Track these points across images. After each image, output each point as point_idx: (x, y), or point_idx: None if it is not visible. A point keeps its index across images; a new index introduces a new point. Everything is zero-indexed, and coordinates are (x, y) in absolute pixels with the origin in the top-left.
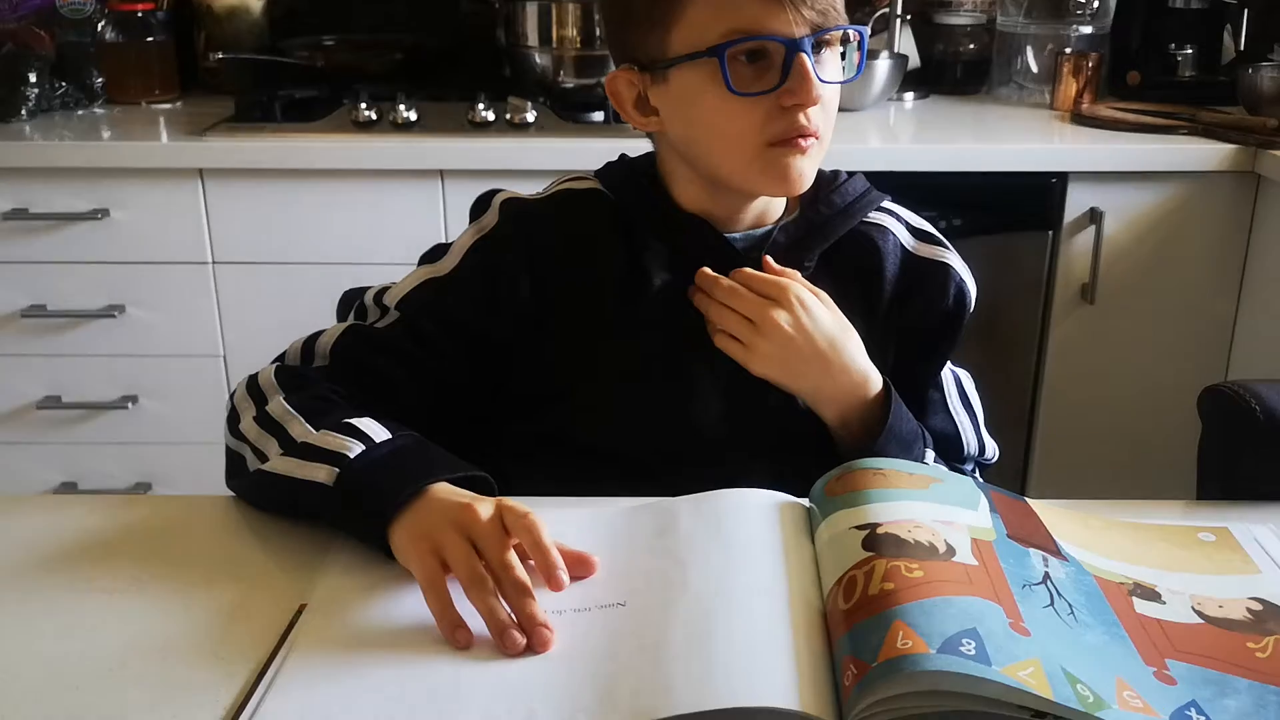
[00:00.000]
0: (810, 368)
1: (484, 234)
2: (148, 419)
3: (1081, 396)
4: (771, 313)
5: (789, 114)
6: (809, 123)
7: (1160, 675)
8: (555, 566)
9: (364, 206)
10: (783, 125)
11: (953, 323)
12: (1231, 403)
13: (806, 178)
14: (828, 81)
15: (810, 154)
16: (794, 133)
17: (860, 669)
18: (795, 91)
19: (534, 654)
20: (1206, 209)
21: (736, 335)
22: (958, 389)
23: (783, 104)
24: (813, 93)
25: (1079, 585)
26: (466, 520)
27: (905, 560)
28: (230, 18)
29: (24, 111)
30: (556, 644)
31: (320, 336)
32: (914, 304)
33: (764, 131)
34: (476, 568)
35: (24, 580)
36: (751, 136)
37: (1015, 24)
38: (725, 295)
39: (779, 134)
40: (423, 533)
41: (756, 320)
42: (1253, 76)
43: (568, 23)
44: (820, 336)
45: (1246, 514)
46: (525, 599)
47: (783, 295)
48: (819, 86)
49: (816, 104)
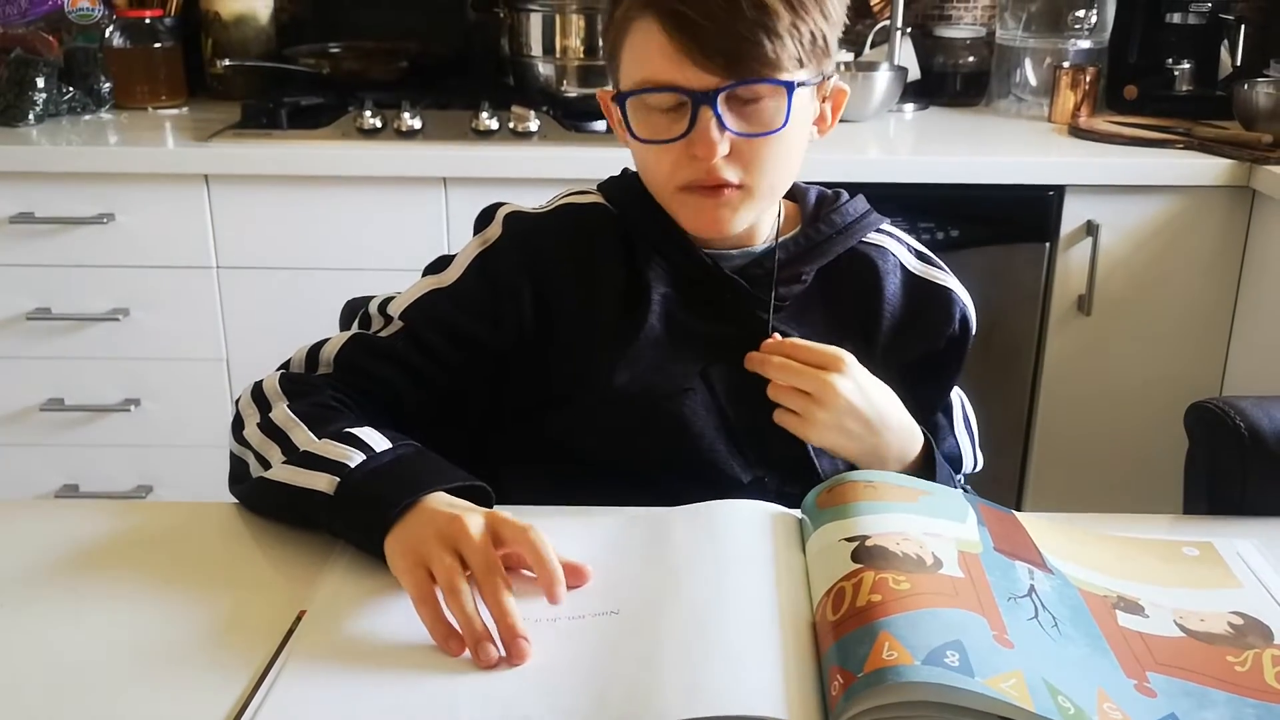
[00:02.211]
0: (867, 432)
1: (487, 246)
2: (150, 422)
3: (1078, 407)
4: (830, 381)
5: (696, 163)
6: (719, 173)
7: (1141, 688)
8: (556, 581)
9: (368, 213)
10: (689, 173)
11: (958, 348)
12: (1217, 419)
13: (731, 224)
14: (739, 134)
15: (732, 202)
16: (700, 181)
17: (847, 679)
18: (694, 143)
19: (511, 666)
20: (1202, 223)
21: (792, 408)
22: (961, 412)
23: (689, 154)
24: (712, 146)
25: (1064, 598)
26: (453, 532)
27: (893, 572)
28: (237, 25)
29: (31, 116)
30: (550, 652)
31: (325, 344)
32: (920, 329)
33: (674, 177)
34: (455, 579)
35: (25, 585)
36: (664, 180)
37: (1014, 37)
38: (777, 371)
39: (686, 181)
40: (411, 545)
41: (814, 392)
42: (1248, 92)
43: (571, 33)
44: (874, 401)
45: (1231, 529)
46: (504, 610)
47: (837, 364)
48: (724, 139)
49: (715, 156)
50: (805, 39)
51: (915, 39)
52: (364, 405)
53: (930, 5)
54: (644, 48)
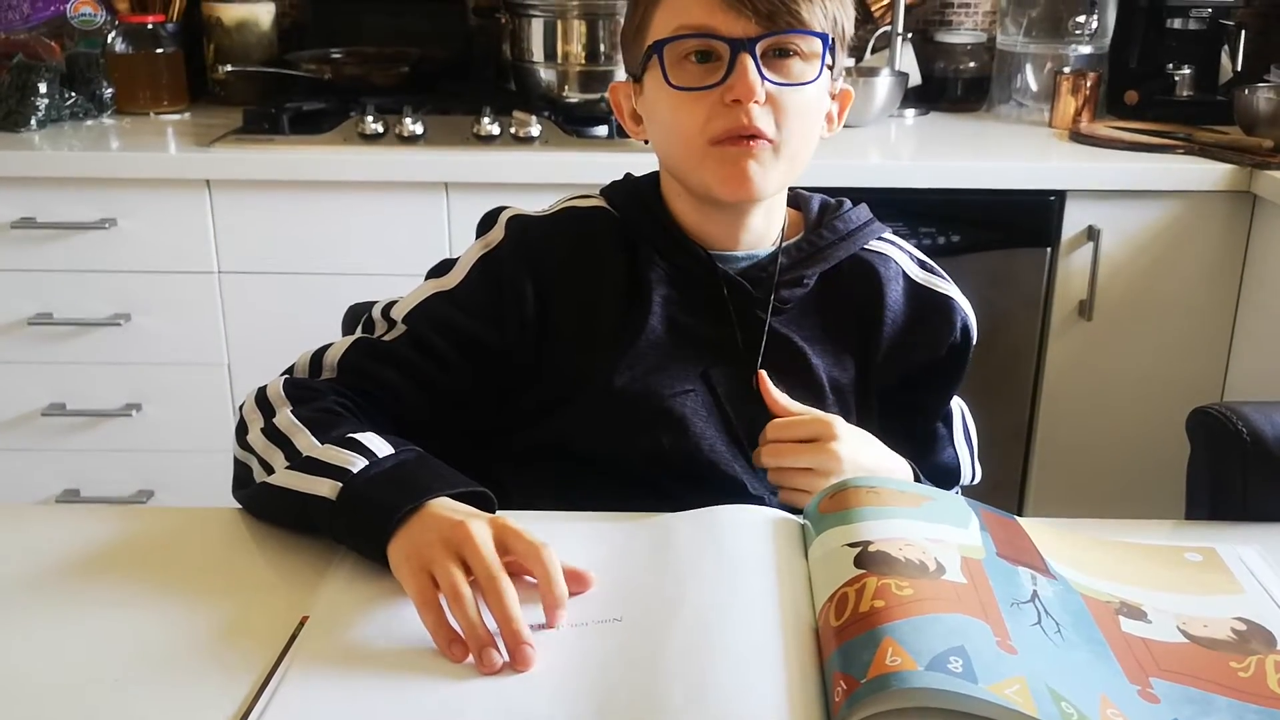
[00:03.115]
0: None
1: (490, 249)
2: (151, 427)
3: (1079, 412)
4: (830, 449)
5: (731, 111)
6: (751, 121)
7: (1144, 694)
8: (560, 605)
9: (369, 218)
10: (724, 122)
11: (959, 357)
12: (1219, 425)
13: (759, 182)
14: (776, 82)
15: (762, 157)
16: (734, 130)
17: (850, 685)
18: (734, 87)
19: (515, 672)
20: (1203, 228)
21: (800, 487)
22: (962, 423)
23: (725, 100)
24: (751, 88)
25: (1066, 604)
26: (458, 538)
27: (896, 578)
28: (239, 30)
29: (33, 121)
30: (554, 659)
31: (328, 350)
32: (921, 337)
33: (707, 129)
34: (458, 584)
35: (26, 590)
36: (697, 134)
37: (1015, 43)
38: (773, 459)
39: (721, 131)
40: (414, 550)
41: (816, 466)
42: (1249, 97)
43: (572, 38)
44: (868, 452)
45: (1233, 535)
46: (509, 615)
47: (829, 430)
48: (762, 85)
49: (755, 100)
50: (831, 17)
51: (916, 44)
52: (368, 409)
53: (931, 11)
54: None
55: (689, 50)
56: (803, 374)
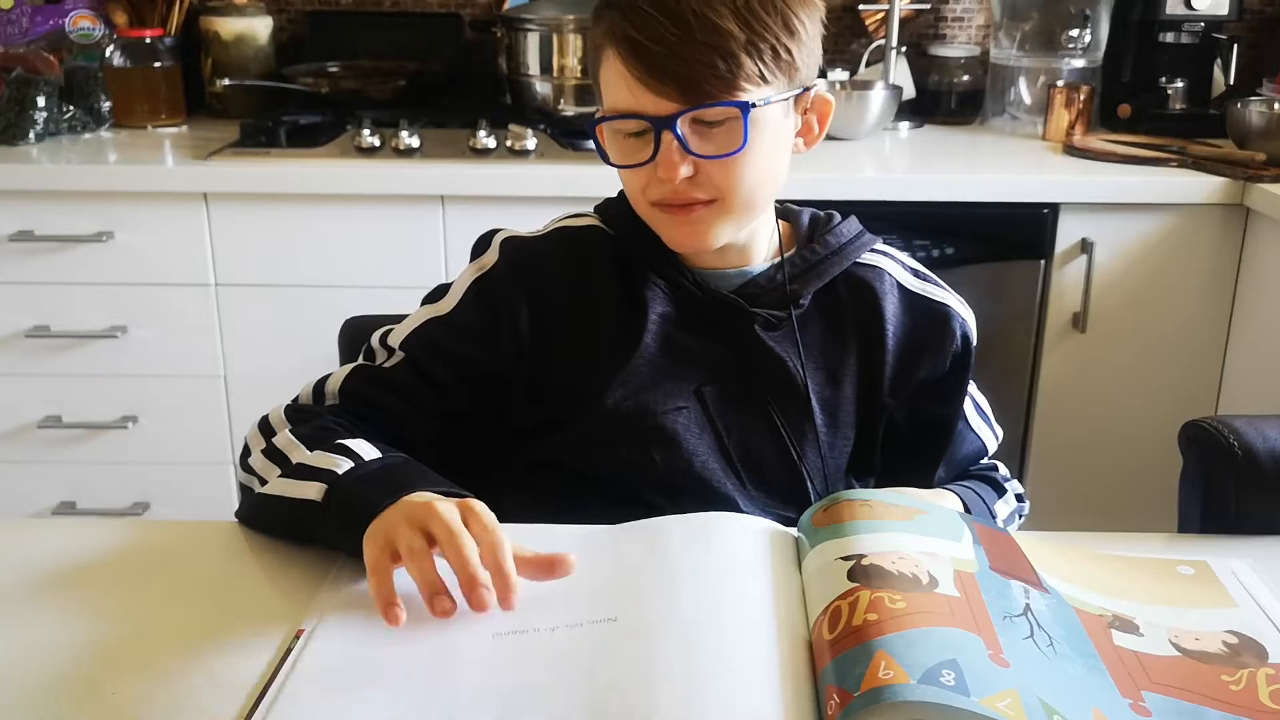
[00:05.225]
0: None
1: (484, 272)
2: (147, 439)
3: (1073, 425)
4: None
5: (665, 182)
6: (685, 193)
7: (1136, 707)
8: (510, 590)
9: (366, 231)
10: (659, 191)
11: (963, 363)
12: (1211, 438)
13: (709, 237)
14: (701, 156)
15: (705, 217)
16: (669, 200)
17: (843, 698)
18: (660, 164)
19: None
20: (1196, 241)
21: None
22: (972, 401)
23: (656, 175)
24: (672, 167)
25: (1059, 617)
26: (422, 515)
27: (889, 591)
28: (237, 44)
29: (31, 135)
30: (548, 659)
31: (329, 378)
32: (924, 352)
33: (646, 194)
34: (415, 544)
35: (21, 603)
36: (641, 197)
37: (1008, 56)
38: None
39: (658, 198)
40: (381, 529)
41: None
42: (1242, 111)
43: (568, 52)
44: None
45: (1225, 548)
46: (465, 560)
47: None
48: (684, 161)
49: (677, 179)
50: (766, 55)
51: (910, 58)
52: (368, 431)
53: (925, 24)
54: (610, 76)
55: (620, 128)
56: (793, 391)
